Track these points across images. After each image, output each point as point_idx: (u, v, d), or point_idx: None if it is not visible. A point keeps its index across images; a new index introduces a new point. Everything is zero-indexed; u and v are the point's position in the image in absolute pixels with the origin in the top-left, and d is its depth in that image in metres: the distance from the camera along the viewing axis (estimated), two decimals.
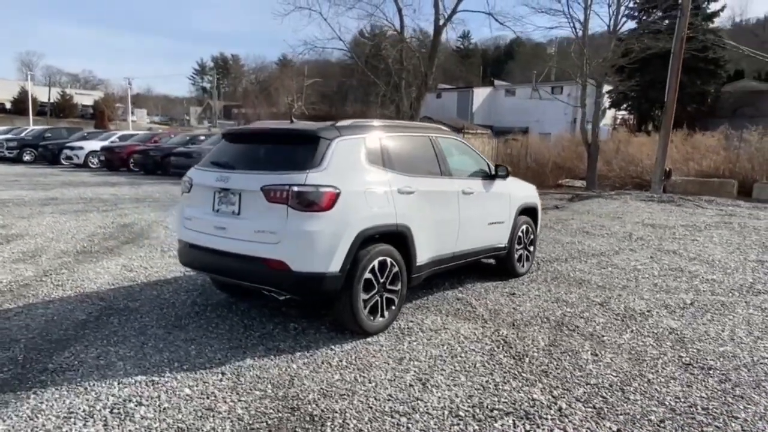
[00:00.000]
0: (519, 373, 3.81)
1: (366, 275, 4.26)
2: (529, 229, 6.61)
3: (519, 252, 6.41)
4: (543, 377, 3.76)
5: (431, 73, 19.51)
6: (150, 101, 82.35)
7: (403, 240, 4.59)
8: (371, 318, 4.38)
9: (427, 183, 4.94)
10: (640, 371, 3.90)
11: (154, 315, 4.89)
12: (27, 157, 24.62)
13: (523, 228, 6.44)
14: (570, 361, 4.04)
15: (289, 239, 3.96)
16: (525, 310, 5.25)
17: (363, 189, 4.29)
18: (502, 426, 3.11)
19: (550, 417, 3.22)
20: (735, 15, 62.02)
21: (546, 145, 22.75)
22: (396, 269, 4.53)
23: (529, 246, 6.65)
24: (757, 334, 4.71)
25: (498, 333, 4.60)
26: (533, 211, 6.70)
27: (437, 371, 3.81)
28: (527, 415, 3.23)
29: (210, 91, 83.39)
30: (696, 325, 4.91)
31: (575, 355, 4.17)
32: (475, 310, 5.22)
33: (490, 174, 5.87)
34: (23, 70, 67.36)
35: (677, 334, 4.68)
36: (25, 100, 50.07)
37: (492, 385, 3.61)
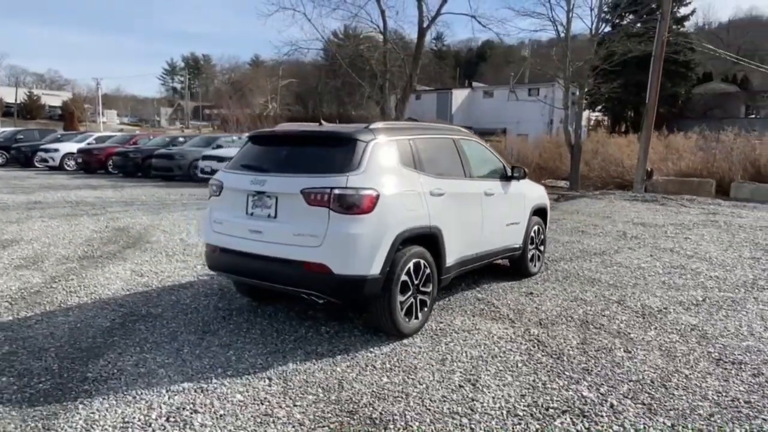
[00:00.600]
0: (562, 372, 3.87)
1: (403, 277, 4.28)
2: (540, 230, 6.71)
3: (531, 252, 6.50)
4: (586, 375, 3.83)
5: (416, 75, 19.60)
6: (119, 102, 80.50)
7: (435, 242, 4.62)
8: (407, 320, 4.39)
9: (455, 185, 4.98)
10: (675, 367, 4.01)
11: (180, 321, 4.80)
12: None
13: (535, 228, 6.54)
14: (607, 359, 4.13)
15: (331, 242, 3.95)
16: (547, 309, 5.34)
17: (399, 191, 4.30)
18: (561, 424, 3.16)
19: (604, 414, 3.29)
20: (699, 19, 63.96)
21: (527, 146, 23.10)
22: (428, 271, 4.56)
23: (540, 246, 6.76)
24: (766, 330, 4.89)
25: (529, 332, 4.66)
26: (544, 212, 6.81)
27: (482, 371, 3.85)
28: (583, 413, 3.29)
29: (181, 92, 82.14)
30: (714, 321, 5.06)
31: (609, 353, 4.26)
32: (499, 310, 5.28)
33: (506, 175, 5.95)
34: None
35: (699, 330, 4.82)
36: None
37: (540, 384, 3.67)
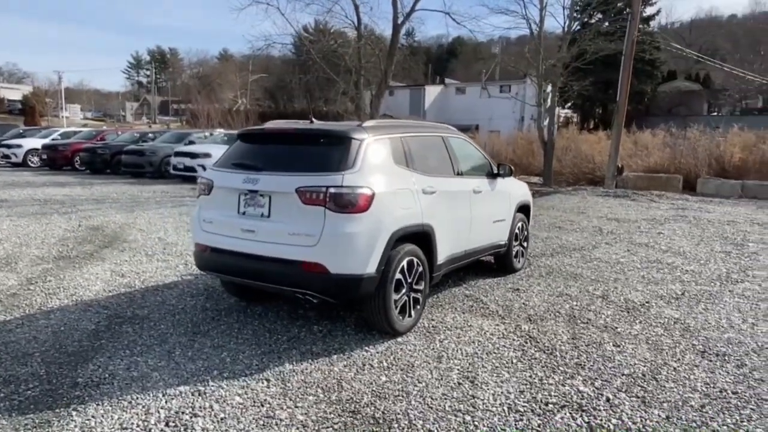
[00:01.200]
0: (556, 367, 3.94)
1: (397, 276, 4.28)
2: (524, 226, 6.81)
3: (516, 248, 6.59)
4: (580, 370, 3.91)
5: (390, 71, 19.57)
6: (83, 96, 78.13)
7: (427, 240, 4.64)
8: (401, 318, 4.40)
9: (446, 183, 5.01)
10: (663, 360, 4.12)
11: (168, 322, 4.71)
12: None
13: (519, 225, 6.62)
14: (598, 353, 4.21)
15: (328, 241, 3.92)
16: (535, 305, 5.42)
17: (394, 189, 4.30)
18: (562, 419, 3.22)
19: (602, 408, 3.36)
20: (662, 19, 65.63)
21: (500, 143, 23.35)
22: (421, 269, 4.57)
23: (524, 242, 6.85)
24: (751, 320, 5.07)
25: (520, 328, 4.73)
26: (527, 209, 6.91)
27: (479, 368, 3.89)
28: (581, 408, 3.35)
29: (147, 86, 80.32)
30: (695, 315, 5.22)
31: (600, 347, 4.35)
32: (488, 306, 5.33)
33: (493, 173, 6.00)
34: None
35: (682, 323, 4.97)
36: None
37: (537, 380, 3.72)
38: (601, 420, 3.22)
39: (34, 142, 21.93)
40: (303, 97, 61.88)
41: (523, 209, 6.75)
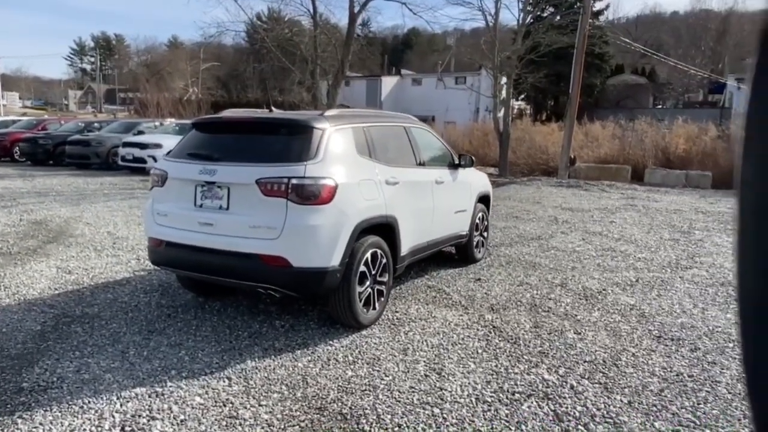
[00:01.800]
0: (521, 356, 3.97)
1: (361, 268, 4.21)
2: (484, 216, 6.85)
3: (476, 239, 6.62)
4: (544, 358, 3.95)
5: (347, 61, 19.38)
6: (21, 83, 74.16)
7: (391, 231, 4.58)
8: (365, 311, 4.34)
9: (409, 173, 4.96)
10: (623, 346, 4.21)
11: (121, 320, 4.49)
12: None
13: (480, 215, 6.66)
14: (560, 341, 4.27)
15: (290, 234, 3.81)
16: (496, 294, 5.45)
17: (357, 180, 4.22)
18: (529, 407, 3.24)
19: (567, 395, 3.40)
20: (609, 14, 67.49)
21: (457, 133, 23.54)
22: (384, 260, 4.52)
23: (484, 232, 6.90)
24: (701, 305, 5.26)
25: (483, 318, 4.74)
26: (487, 199, 6.95)
27: (445, 359, 3.87)
28: (547, 396, 3.38)
29: (91, 74, 77.03)
30: (649, 301, 5.37)
31: (561, 335, 4.41)
32: (451, 297, 5.34)
33: (454, 163, 6.00)
34: None
35: (638, 309, 5.10)
36: None
37: (502, 369, 3.74)
38: (567, 407, 3.25)
39: None
40: (257, 87, 60.75)
41: (484, 200, 6.79)
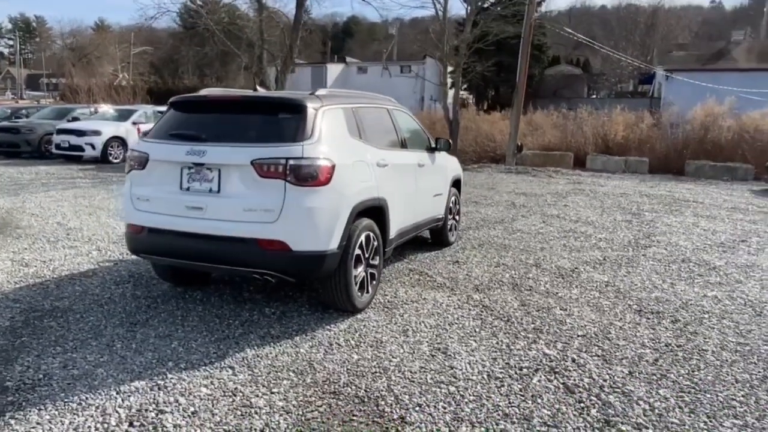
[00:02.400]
0: (518, 333, 4.04)
1: (356, 251, 4.14)
2: (457, 200, 6.91)
3: (450, 222, 6.67)
4: (539, 334, 4.03)
5: (296, 46, 18.95)
6: None
7: (381, 214, 4.53)
8: (359, 294, 4.28)
9: (396, 156, 4.91)
10: (609, 320, 4.37)
11: (97, 313, 4.22)
12: None
13: (453, 199, 6.71)
14: (549, 318, 4.38)
15: (289, 217, 3.68)
16: (477, 275, 5.52)
17: (352, 162, 4.13)
18: (539, 381, 3.30)
19: (571, 368, 3.49)
20: (543, 7, 69.40)
21: None
22: (376, 243, 4.47)
23: (456, 216, 6.97)
24: (669, 281, 5.53)
25: (472, 298, 4.79)
26: (459, 183, 7.01)
27: (447, 339, 3.88)
28: (553, 370, 3.46)
29: (9, 58, 71.76)
30: (621, 278, 5.60)
31: (549, 312, 4.52)
32: (435, 279, 5.36)
33: (431, 146, 6.00)
34: None
35: (612, 286, 5.31)
36: None
37: (504, 346, 3.79)
38: (574, 380, 3.34)
39: None
40: (193, 73, 58.58)
41: (456, 184, 6.84)
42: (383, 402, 3.03)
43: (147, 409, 2.89)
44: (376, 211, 4.45)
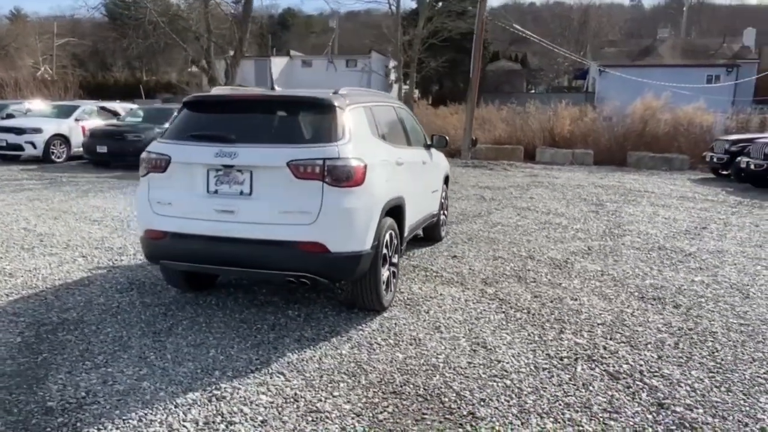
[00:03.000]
0: (543, 324, 4.19)
1: (384, 250, 4.16)
2: (446, 196, 7.02)
3: (442, 218, 6.78)
4: (564, 324, 4.20)
5: (246, 39, 18.53)
6: None
7: (400, 212, 4.56)
8: (385, 293, 4.30)
9: (407, 154, 4.95)
10: (619, 308, 4.61)
11: (113, 324, 4.02)
12: None
13: (443, 194, 6.82)
14: (565, 308, 4.56)
15: (327, 218, 3.65)
16: (480, 269, 5.65)
17: (378, 161, 4.13)
18: (583, 370, 3.45)
19: (606, 355, 3.67)
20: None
21: None
22: (396, 242, 4.50)
23: (445, 211, 7.08)
24: (656, 268, 5.88)
25: (485, 293, 4.91)
26: (448, 179, 7.12)
27: (481, 334, 3.97)
28: (591, 358, 3.63)
29: None
30: (612, 266, 5.89)
31: (561, 302, 4.71)
32: (441, 275, 5.44)
33: (427, 143, 6.07)
34: None
35: (607, 275, 5.58)
36: None
37: (536, 338, 3.93)
38: (614, 366, 3.51)
39: None
40: (123, 66, 55.86)
41: (446, 179, 6.95)
42: (446, 399, 3.08)
43: (215, 422, 2.80)
44: (396, 210, 4.47)
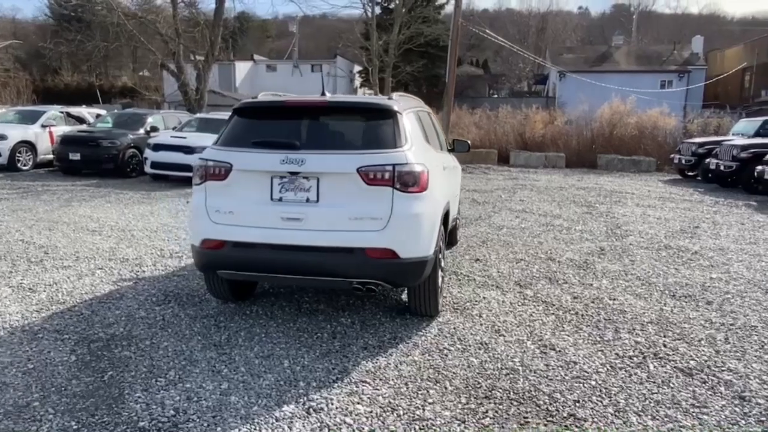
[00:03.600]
0: (597, 323, 4.28)
1: (440, 255, 4.16)
2: (459, 200, 7.08)
3: (457, 221, 6.84)
4: (616, 324, 4.30)
5: (217, 42, 18.15)
6: None
7: (447, 217, 4.58)
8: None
9: (445, 159, 4.99)
10: (658, 306, 4.75)
11: (168, 338, 3.87)
12: None
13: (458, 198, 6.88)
14: (608, 308, 4.67)
15: (397, 224, 3.62)
16: (508, 272, 5.72)
17: (432, 166, 4.12)
18: (655, 367, 3.54)
19: (669, 353, 3.77)
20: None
21: None
22: (443, 246, 4.51)
23: (458, 214, 7.14)
24: (672, 267, 6.09)
25: (524, 295, 4.98)
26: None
27: (543, 336, 4.02)
28: (657, 355, 3.73)
29: None
30: (631, 267, 6.07)
31: (602, 302, 4.82)
32: (473, 278, 5.48)
33: (449, 148, 6.11)
34: None
35: (631, 274, 5.75)
36: None
37: (597, 336, 4.01)
38: (682, 363, 3.62)
39: None
40: (71, 69, 53.72)
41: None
42: (540, 401, 3.10)
43: None
44: (446, 216, 4.48)
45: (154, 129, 14.16)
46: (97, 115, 16.82)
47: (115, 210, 8.89)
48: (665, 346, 3.90)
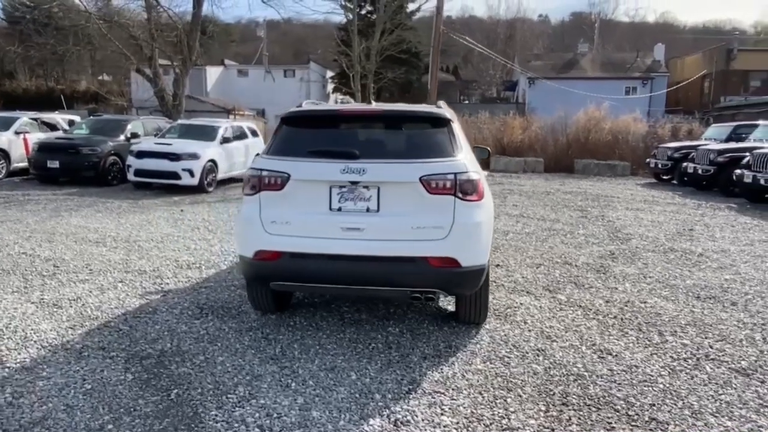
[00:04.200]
0: (639, 327, 4.36)
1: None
2: None
3: None
4: (658, 327, 4.39)
5: (195, 47, 17.81)
6: None
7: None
8: None
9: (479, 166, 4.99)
10: (688, 308, 4.88)
11: (221, 352, 3.76)
12: None
13: None
14: (642, 311, 4.77)
15: (459, 233, 3.62)
16: (533, 278, 5.79)
17: (484, 175, 4.15)
18: (713, 370, 3.63)
19: (717, 354, 3.88)
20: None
21: None
22: None
23: None
24: (687, 270, 6.27)
25: (557, 299, 5.05)
26: None
27: (593, 340, 4.08)
28: (708, 357, 3.83)
29: None
30: (646, 270, 6.23)
31: (634, 305, 4.93)
32: (502, 284, 5.52)
33: None
34: None
35: (651, 277, 5.90)
36: None
37: (646, 340, 4.09)
38: (736, 364, 3.72)
39: None
40: (28, 74, 51.81)
41: None
42: (618, 406, 3.14)
43: None
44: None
45: (134, 135, 13.80)
46: (71, 122, 16.27)
47: (109, 220, 8.60)
48: (711, 347, 4.01)
